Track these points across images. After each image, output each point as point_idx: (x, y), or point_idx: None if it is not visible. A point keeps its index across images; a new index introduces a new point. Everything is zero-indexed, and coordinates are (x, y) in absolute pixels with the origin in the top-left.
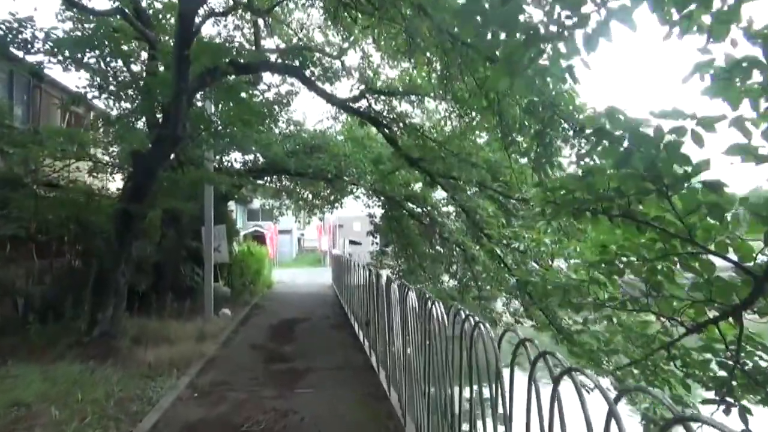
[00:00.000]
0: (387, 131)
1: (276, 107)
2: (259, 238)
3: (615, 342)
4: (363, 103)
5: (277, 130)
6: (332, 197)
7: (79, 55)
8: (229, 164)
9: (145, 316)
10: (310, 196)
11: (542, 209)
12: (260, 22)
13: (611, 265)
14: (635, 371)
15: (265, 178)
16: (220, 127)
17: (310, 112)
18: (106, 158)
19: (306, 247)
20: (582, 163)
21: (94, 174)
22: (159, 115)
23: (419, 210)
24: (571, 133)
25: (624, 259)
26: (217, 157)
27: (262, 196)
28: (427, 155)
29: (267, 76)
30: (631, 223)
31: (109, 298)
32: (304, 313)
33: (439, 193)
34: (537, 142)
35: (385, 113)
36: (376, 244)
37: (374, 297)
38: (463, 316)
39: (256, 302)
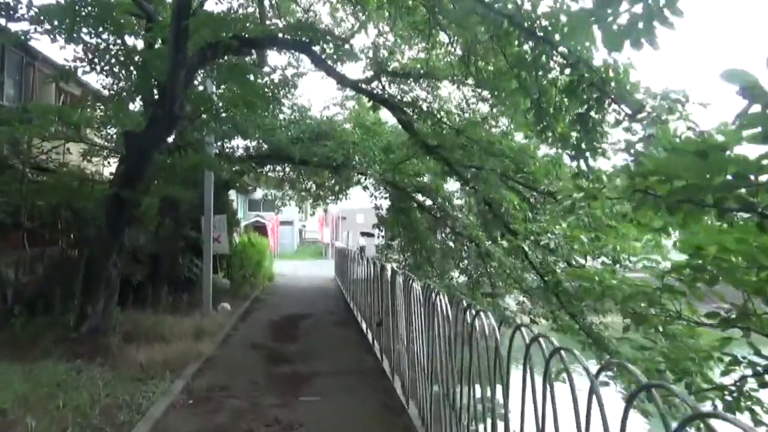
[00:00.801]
0: (402, 116)
1: (281, 90)
2: (260, 228)
3: (681, 359)
4: (376, 86)
5: (282, 116)
6: (337, 187)
7: (67, 24)
8: (231, 150)
9: (140, 309)
10: (314, 186)
11: (572, 204)
12: (266, 1)
13: (701, 271)
14: (710, 395)
15: (268, 166)
16: (222, 111)
17: (315, 100)
18: (99, 140)
19: (307, 238)
20: (633, 150)
21: (88, 158)
22: (157, 96)
23: (430, 202)
24: (622, 116)
25: (723, 264)
26: (219, 143)
27: (265, 185)
28: (446, 143)
29: (272, 58)
30: (749, 218)
31: (99, 291)
32: (307, 307)
33: (451, 185)
34: (578, 126)
35: (399, 97)
36: (382, 237)
37: (388, 297)
38: (529, 335)
39: (256, 296)
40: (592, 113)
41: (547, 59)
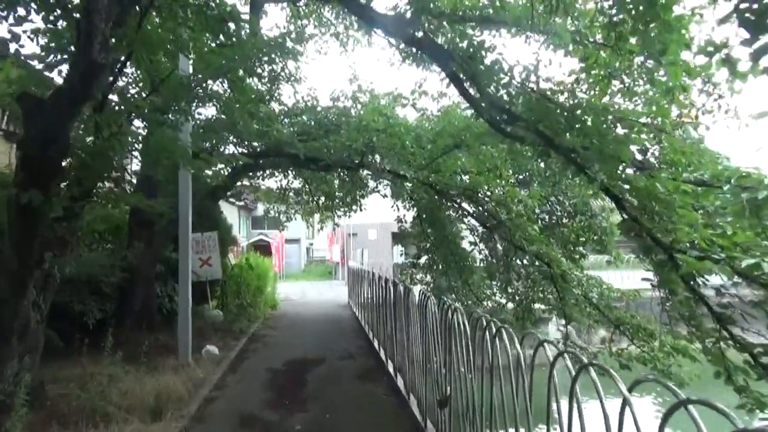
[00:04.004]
0: (459, 71)
1: (280, 61)
2: (263, 248)
3: None
4: (416, 30)
5: (278, 108)
6: (349, 198)
7: None
8: (214, 146)
9: (96, 359)
10: (323, 197)
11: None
12: None
13: None
14: None
15: (267, 171)
16: (194, 82)
17: (321, 94)
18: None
19: (315, 257)
20: None
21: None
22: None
23: (478, 209)
24: None
25: None
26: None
27: (265, 199)
28: (539, 113)
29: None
30: None
31: (11, 346)
32: (318, 347)
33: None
34: None
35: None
36: (406, 254)
37: (460, 353)
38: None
39: (255, 330)
40: None
41: None
